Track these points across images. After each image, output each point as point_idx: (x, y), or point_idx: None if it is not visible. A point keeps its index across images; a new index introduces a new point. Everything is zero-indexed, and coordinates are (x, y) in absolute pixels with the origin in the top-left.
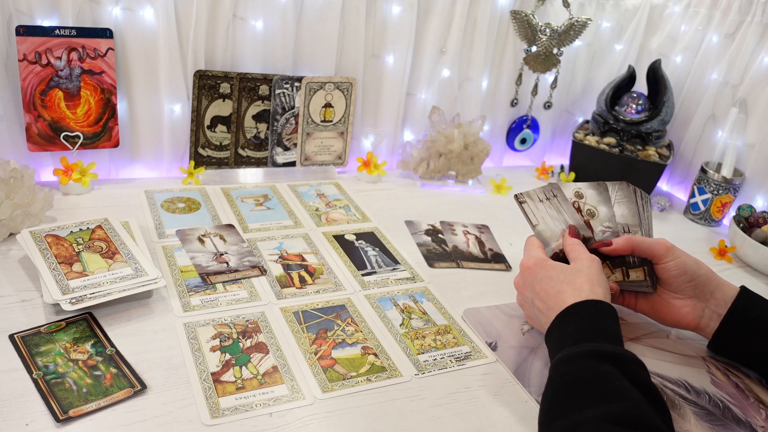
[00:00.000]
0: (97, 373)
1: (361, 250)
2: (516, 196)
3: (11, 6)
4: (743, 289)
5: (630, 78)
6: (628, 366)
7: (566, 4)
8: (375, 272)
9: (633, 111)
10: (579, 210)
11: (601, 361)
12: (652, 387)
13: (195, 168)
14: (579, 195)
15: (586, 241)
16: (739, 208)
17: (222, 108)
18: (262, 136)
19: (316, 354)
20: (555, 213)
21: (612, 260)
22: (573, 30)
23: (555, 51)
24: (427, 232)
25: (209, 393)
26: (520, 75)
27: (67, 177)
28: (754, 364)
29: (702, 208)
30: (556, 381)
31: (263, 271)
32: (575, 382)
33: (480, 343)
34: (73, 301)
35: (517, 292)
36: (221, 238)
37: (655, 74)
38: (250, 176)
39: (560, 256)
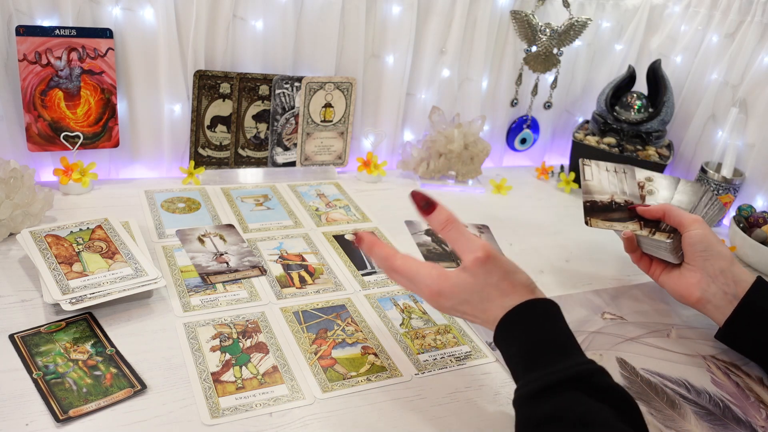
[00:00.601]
0: (97, 373)
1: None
2: (581, 159)
3: (11, 6)
4: (759, 280)
5: (630, 78)
6: (586, 382)
7: (566, 4)
8: (375, 272)
9: (633, 111)
10: (642, 187)
11: (558, 392)
12: (616, 390)
13: (195, 168)
14: (650, 179)
15: (628, 203)
16: (739, 208)
17: (222, 108)
18: (262, 136)
19: (316, 354)
20: (615, 181)
21: (645, 221)
22: (573, 30)
23: (555, 51)
24: (427, 232)
25: (209, 393)
26: (520, 75)
27: (67, 177)
28: (763, 358)
29: None
30: (521, 427)
31: (263, 271)
32: (539, 425)
33: (480, 342)
34: (73, 301)
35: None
36: (221, 238)
37: (655, 74)
38: (250, 176)
39: (589, 206)
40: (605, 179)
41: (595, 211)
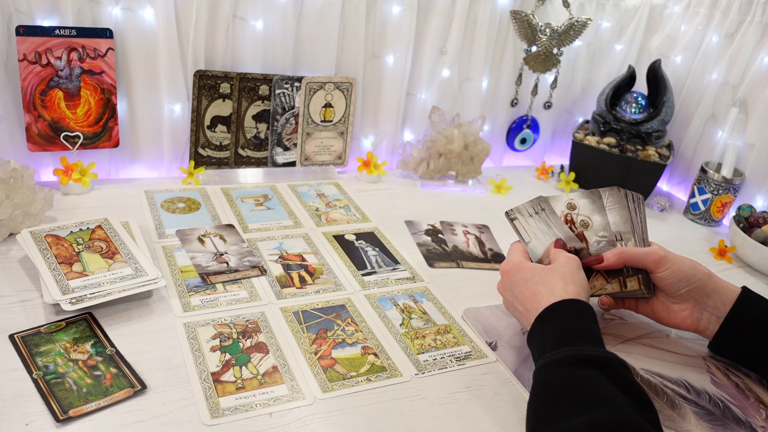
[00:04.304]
0: (97, 373)
1: (361, 250)
2: (507, 213)
3: (11, 6)
4: (745, 290)
5: (630, 78)
6: (611, 368)
7: (566, 4)
8: (375, 272)
9: (633, 111)
10: (572, 222)
11: (583, 366)
12: (636, 386)
13: (195, 168)
14: (571, 206)
15: (578, 252)
16: (739, 208)
17: (222, 108)
18: (262, 136)
19: (316, 354)
20: (545, 227)
21: (607, 272)
22: (573, 30)
23: (555, 51)
24: (427, 232)
25: (209, 393)
26: (520, 75)
27: (67, 177)
28: (755, 365)
29: (702, 208)
30: (539, 389)
31: (263, 271)
32: (559, 390)
33: (480, 343)
34: (73, 301)
35: (501, 296)
36: (221, 238)
37: (655, 74)
38: (250, 176)
39: None
40: (538, 231)
41: None
